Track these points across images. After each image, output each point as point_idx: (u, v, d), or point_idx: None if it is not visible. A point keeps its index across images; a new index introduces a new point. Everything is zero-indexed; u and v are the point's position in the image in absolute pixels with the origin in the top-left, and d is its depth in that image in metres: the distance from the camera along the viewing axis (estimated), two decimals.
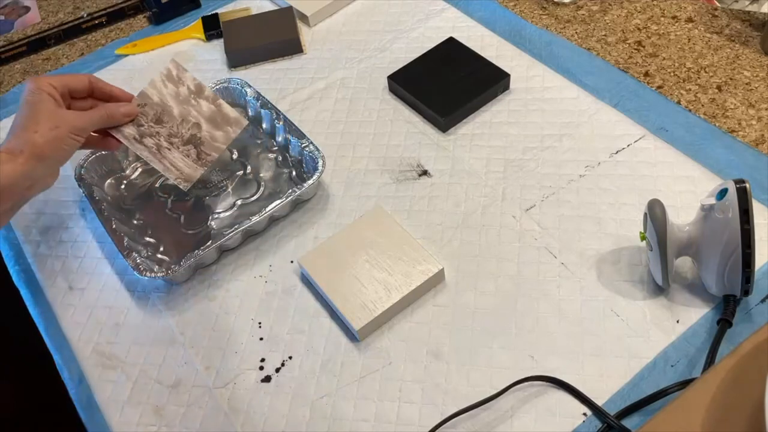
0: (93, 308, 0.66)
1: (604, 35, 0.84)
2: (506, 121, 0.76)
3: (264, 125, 0.78)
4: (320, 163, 0.69)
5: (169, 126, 0.66)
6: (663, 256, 0.55)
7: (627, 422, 0.52)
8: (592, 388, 0.55)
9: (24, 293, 0.70)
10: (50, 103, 0.59)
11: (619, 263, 0.62)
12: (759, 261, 0.57)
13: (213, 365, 0.61)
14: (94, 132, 0.64)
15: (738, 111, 0.73)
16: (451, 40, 0.83)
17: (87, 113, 0.62)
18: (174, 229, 0.70)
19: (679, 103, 0.75)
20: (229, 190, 0.73)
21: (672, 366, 0.55)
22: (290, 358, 0.60)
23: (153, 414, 0.58)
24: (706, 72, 0.77)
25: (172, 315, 0.64)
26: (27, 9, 1.05)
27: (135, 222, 0.71)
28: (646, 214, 0.57)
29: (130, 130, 0.65)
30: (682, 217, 0.61)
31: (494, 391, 0.55)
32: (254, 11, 0.95)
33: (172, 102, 0.67)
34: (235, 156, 0.76)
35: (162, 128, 0.66)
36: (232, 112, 0.68)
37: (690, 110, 0.74)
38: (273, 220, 0.70)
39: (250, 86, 0.79)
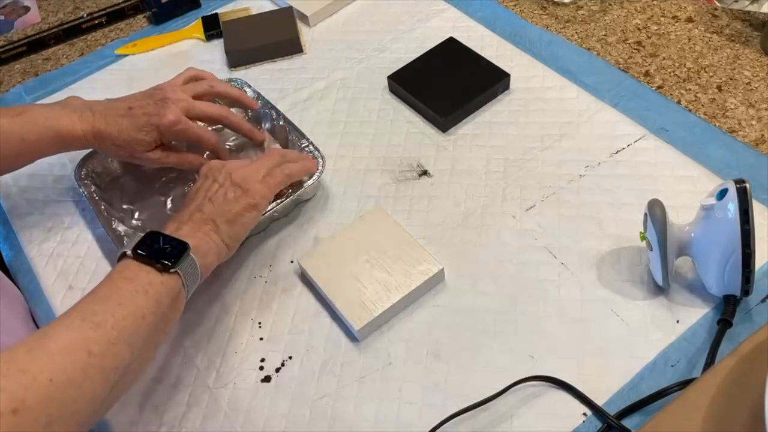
0: None
1: (604, 35, 0.84)
2: (506, 121, 0.76)
3: (264, 125, 0.78)
4: (320, 163, 0.69)
5: None
6: (663, 256, 0.55)
7: (627, 422, 0.52)
8: (592, 388, 0.54)
9: (24, 293, 0.70)
10: None
11: (619, 263, 0.62)
12: (759, 261, 0.57)
13: (213, 365, 0.61)
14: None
15: (738, 111, 0.73)
16: (451, 40, 0.83)
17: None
18: None
19: (679, 103, 0.75)
20: None
21: (672, 366, 0.55)
22: (290, 358, 0.60)
23: (153, 414, 0.58)
24: (706, 72, 0.77)
25: None
26: (27, 9, 1.05)
27: (135, 222, 0.71)
28: (646, 214, 0.57)
29: None
30: (682, 217, 0.61)
31: (494, 391, 0.55)
32: (254, 11, 0.95)
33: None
34: None
35: None
36: None
37: (690, 110, 0.73)
38: (273, 220, 0.70)
39: (250, 86, 0.79)
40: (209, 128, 0.76)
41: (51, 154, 0.68)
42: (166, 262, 0.52)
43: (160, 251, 0.53)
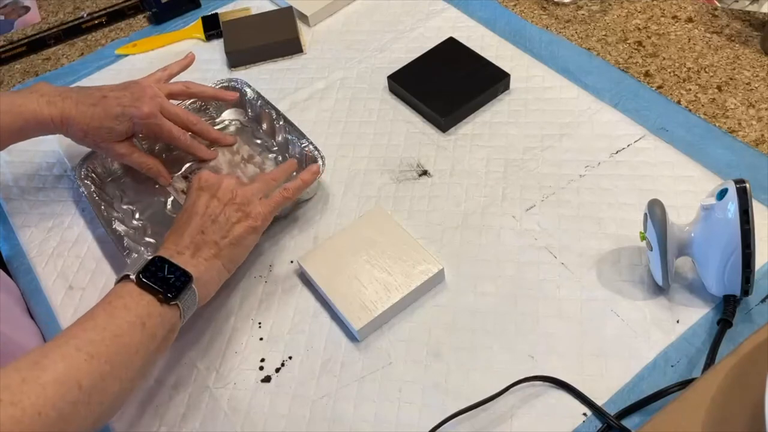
0: None
1: (604, 35, 0.84)
2: (506, 121, 0.76)
3: (264, 125, 0.78)
4: (320, 163, 0.69)
5: None
6: (663, 256, 0.55)
7: (627, 422, 0.52)
8: (592, 388, 0.55)
9: (24, 293, 0.70)
10: None
11: (619, 263, 0.62)
12: (759, 261, 0.57)
13: (213, 365, 0.61)
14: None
15: (738, 111, 0.73)
16: (451, 40, 0.83)
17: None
18: None
19: (679, 103, 0.75)
20: None
21: (672, 366, 0.55)
22: (290, 358, 0.60)
23: (153, 414, 0.58)
24: (706, 72, 0.77)
25: None
26: (27, 9, 1.06)
27: (135, 222, 0.71)
28: (646, 214, 0.57)
29: (179, 184, 0.74)
30: (682, 217, 0.61)
31: (494, 391, 0.55)
32: (254, 11, 0.95)
33: (224, 166, 0.74)
34: None
35: None
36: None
37: (690, 110, 0.74)
38: (273, 220, 0.70)
39: (250, 86, 0.79)
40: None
41: (21, 140, 0.68)
42: (169, 295, 0.52)
43: (164, 280, 0.53)
